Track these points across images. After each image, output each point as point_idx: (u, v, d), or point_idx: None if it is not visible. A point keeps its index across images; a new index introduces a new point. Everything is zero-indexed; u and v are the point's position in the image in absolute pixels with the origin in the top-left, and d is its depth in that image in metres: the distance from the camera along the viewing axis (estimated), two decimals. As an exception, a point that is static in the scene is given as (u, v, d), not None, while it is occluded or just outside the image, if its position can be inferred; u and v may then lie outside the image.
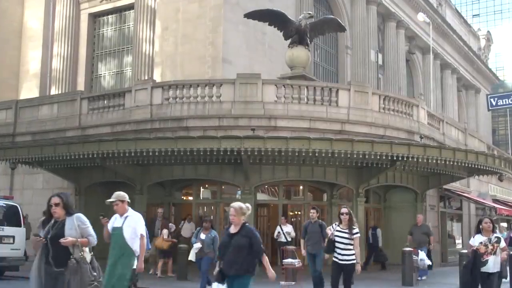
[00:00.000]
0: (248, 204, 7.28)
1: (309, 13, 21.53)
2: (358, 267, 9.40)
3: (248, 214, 7.21)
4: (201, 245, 12.01)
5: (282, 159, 16.68)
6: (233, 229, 7.16)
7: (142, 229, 8.06)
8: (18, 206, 15.99)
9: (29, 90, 30.39)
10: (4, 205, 15.72)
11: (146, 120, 18.86)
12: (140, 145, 15.75)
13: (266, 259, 7.13)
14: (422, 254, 15.89)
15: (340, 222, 9.56)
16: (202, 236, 12.09)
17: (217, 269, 7.25)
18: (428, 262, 16.07)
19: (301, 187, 20.54)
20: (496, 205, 28.50)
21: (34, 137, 21.73)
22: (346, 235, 9.35)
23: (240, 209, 7.10)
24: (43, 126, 21.83)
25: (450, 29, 46.24)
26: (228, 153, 15.56)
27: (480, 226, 9.27)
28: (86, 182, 20.33)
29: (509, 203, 33.07)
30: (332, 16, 27.55)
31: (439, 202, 24.04)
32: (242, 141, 15.28)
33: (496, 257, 9.00)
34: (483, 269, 8.90)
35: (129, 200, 8.33)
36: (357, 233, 9.45)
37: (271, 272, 7.10)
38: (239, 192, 18.57)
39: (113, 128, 19.62)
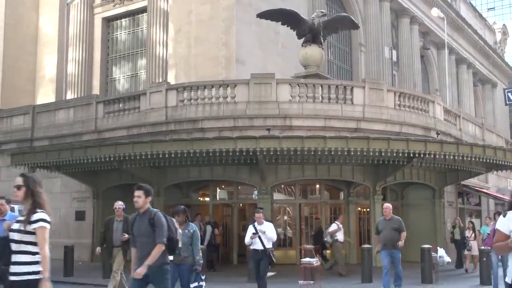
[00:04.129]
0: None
1: (322, 12, 21.48)
2: None
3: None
4: None
5: (298, 158, 16.66)
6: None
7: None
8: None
9: (45, 95, 30.72)
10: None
11: (162, 122, 18.96)
12: (156, 147, 15.84)
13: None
14: (441, 251, 15.78)
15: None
16: None
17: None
18: (448, 259, 15.96)
19: (317, 186, 20.52)
20: (515, 201, 28.19)
21: (51, 142, 21.96)
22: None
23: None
24: (60, 130, 22.06)
25: (465, 23, 45.80)
26: (244, 153, 15.58)
27: None
28: (104, 185, 20.50)
29: (529, 198, 32.63)
30: (345, 14, 27.46)
31: (458, 199, 23.85)
32: (257, 141, 15.29)
33: None
34: None
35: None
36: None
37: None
38: (256, 192, 18.60)
39: (129, 131, 19.76)
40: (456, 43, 44.91)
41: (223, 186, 20.80)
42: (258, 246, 11.18)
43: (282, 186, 19.96)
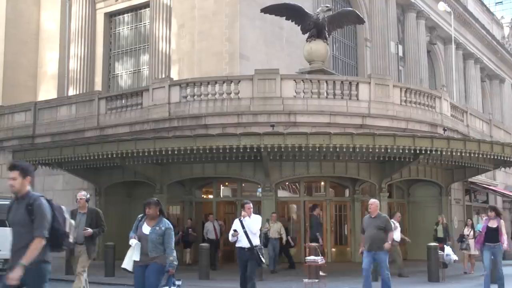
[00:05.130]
0: None
1: (327, 6, 21.45)
2: None
3: None
4: (138, 243, 7.43)
5: (302, 155, 16.64)
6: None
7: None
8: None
9: (47, 91, 30.79)
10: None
11: (165, 119, 18.98)
12: (159, 144, 15.85)
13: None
14: (448, 249, 15.73)
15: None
16: (146, 229, 7.47)
17: None
18: (455, 257, 15.90)
19: (322, 183, 20.50)
20: (524, 198, 28.12)
21: (53, 138, 22.01)
22: None
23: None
24: (62, 127, 22.11)
25: (472, 18, 45.61)
26: (248, 150, 15.58)
27: None
28: (106, 182, 20.54)
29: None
30: (350, 8, 27.39)
31: (465, 196, 23.79)
32: (261, 138, 15.29)
33: None
34: None
35: None
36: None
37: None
38: (260, 189, 18.60)
39: (132, 128, 19.79)
40: (463, 38, 44.73)
41: (226, 183, 20.80)
42: (243, 243, 9.89)
43: (287, 183, 19.96)
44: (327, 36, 21.30)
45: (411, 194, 21.80)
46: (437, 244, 15.50)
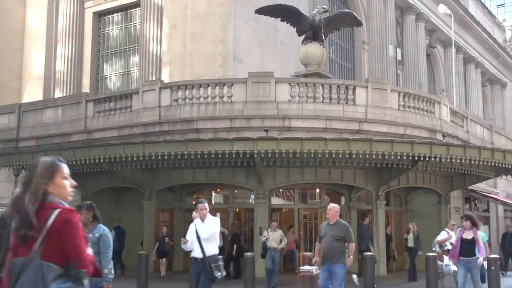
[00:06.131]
0: None
1: (324, 8, 21.54)
2: None
3: None
4: None
5: (297, 161, 16.68)
6: None
7: None
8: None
9: (32, 93, 30.69)
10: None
11: (155, 123, 18.97)
12: (149, 148, 15.85)
13: None
14: (447, 260, 15.74)
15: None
16: None
17: None
18: (454, 267, 15.91)
19: (317, 190, 20.53)
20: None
21: (38, 142, 21.95)
22: None
23: None
24: (48, 130, 22.04)
25: (473, 20, 45.90)
26: (241, 155, 15.60)
27: None
28: (93, 188, 20.48)
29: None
30: (347, 10, 27.51)
31: (465, 204, 23.89)
32: (255, 143, 15.31)
33: None
34: None
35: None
36: None
37: None
38: (252, 196, 18.61)
39: (120, 132, 19.77)
40: (464, 41, 45.00)
41: (218, 190, 20.80)
42: (196, 253, 8.66)
43: (281, 190, 19.98)
44: (324, 38, 21.37)
45: (409, 202, 21.86)
46: (436, 254, 15.52)
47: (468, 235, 10.80)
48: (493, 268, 14.38)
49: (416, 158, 16.37)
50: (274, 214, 20.04)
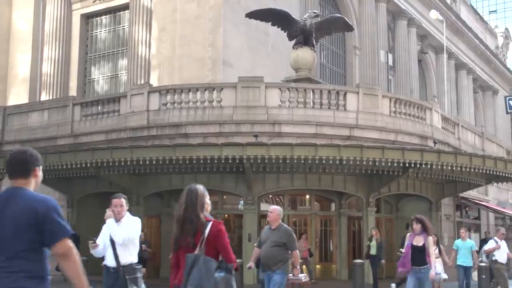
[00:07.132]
0: None
1: (315, 12, 21.63)
2: None
3: None
4: None
5: (287, 167, 16.73)
6: None
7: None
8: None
9: (17, 95, 30.52)
10: None
11: (143, 127, 18.96)
12: (136, 153, 15.83)
13: None
14: (438, 267, 15.75)
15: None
16: None
17: None
18: (445, 276, 15.97)
19: (307, 197, 20.58)
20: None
21: (23, 146, 21.80)
22: None
23: None
24: (33, 134, 21.95)
25: (465, 26, 46.30)
26: (230, 161, 15.63)
27: None
28: (79, 193, 20.42)
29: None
30: (339, 15, 27.64)
31: (455, 212, 24.03)
32: (244, 149, 15.35)
33: None
34: None
35: None
36: None
37: None
38: (242, 202, 18.62)
39: (108, 136, 19.73)
40: (456, 47, 45.36)
41: (207, 196, 20.75)
42: (109, 260, 7.08)
43: (270, 196, 19.98)
44: (315, 43, 21.46)
45: (400, 209, 21.96)
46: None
47: (418, 241, 9.56)
48: (483, 276, 14.51)
49: (407, 165, 16.47)
50: (263, 221, 20.07)
